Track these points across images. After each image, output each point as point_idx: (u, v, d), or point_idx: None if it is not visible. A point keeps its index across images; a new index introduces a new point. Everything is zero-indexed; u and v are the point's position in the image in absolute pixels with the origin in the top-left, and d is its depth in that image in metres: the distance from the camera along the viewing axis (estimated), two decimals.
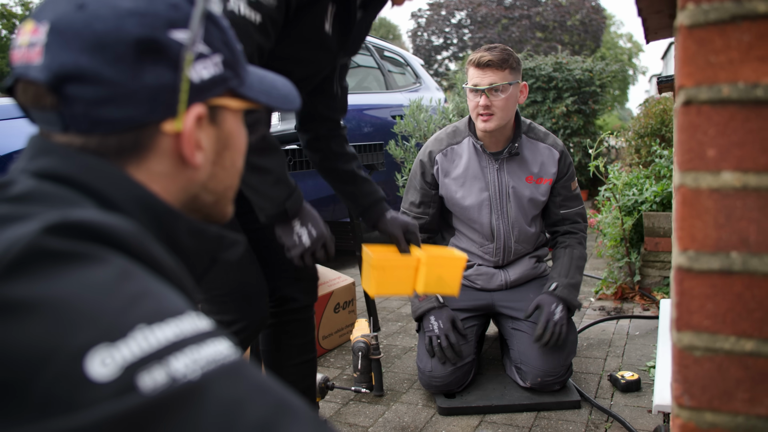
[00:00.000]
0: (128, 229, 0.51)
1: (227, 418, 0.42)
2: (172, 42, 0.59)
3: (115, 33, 0.56)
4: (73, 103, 0.56)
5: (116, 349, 0.41)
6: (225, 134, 0.67)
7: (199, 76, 0.61)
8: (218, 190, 0.69)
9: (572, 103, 6.36)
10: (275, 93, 0.74)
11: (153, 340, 0.43)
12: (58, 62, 0.55)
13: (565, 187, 2.19)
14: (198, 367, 0.43)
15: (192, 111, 0.61)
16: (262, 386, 0.46)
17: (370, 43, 5.18)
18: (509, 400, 2.02)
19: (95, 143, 0.58)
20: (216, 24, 0.65)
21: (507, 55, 2.04)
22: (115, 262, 0.47)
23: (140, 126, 0.59)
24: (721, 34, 0.63)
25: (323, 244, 1.36)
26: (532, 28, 22.98)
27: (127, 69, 0.56)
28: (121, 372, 0.41)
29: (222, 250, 0.68)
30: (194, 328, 0.46)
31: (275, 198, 1.28)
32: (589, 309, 3.09)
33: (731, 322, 0.66)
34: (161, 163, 0.61)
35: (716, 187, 0.65)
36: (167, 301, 0.47)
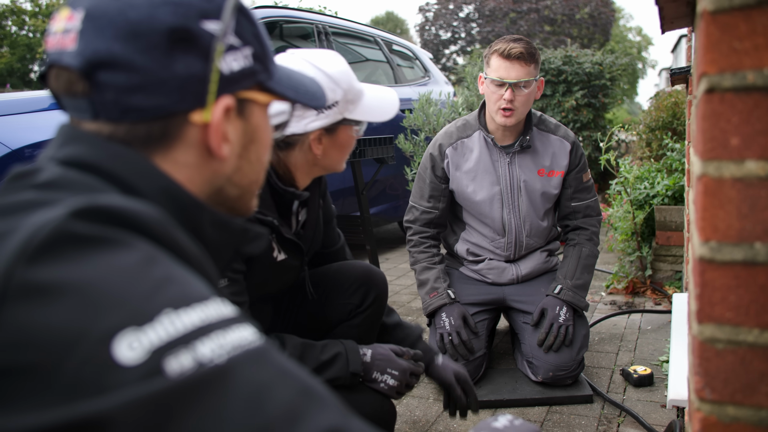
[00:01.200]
0: (153, 215, 0.51)
1: (254, 401, 0.42)
2: (204, 32, 0.59)
3: (148, 21, 0.56)
4: (104, 89, 0.56)
5: (143, 333, 0.42)
6: (252, 128, 0.67)
7: (229, 68, 0.62)
8: (243, 184, 0.69)
9: (582, 96, 6.31)
10: (302, 89, 0.74)
11: (179, 325, 0.43)
12: (92, 49, 0.56)
13: (576, 178, 2.17)
14: (224, 351, 0.43)
15: (221, 102, 0.61)
16: (289, 372, 0.46)
17: (379, 37, 5.17)
18: (521, 394, 2.01)
19: (123, 132, 0.58)
20: (247, 17, 0.65)
21: (533, 49, 2.01)
22: (141, 247, 0.47)
23: (169, 115, 0.59)
24: (746, 19, 0.62)
25: (410, 374, 1.46)
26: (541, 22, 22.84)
27: (159, 57, 0.57)
28: (148, 356, 0.41)
29: (245, 243, 0.68)
30: (219, 314, 0.46)
31: (338, 371, 1.38)
32: (600, 303, 3.07)
33: (755, 314, 0.64)
34: (188, 154, 0.61)
35: (740, 176, 0.63)
36: (192, 286, 0.47)
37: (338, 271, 1.64)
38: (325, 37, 4.36)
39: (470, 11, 24.64)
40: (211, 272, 0.56)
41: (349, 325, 1.64)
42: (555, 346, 2.00)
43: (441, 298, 2.13)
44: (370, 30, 5.18)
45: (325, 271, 1.65)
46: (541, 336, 2.03)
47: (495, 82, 2.01)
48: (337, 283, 1.63)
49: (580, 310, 2.10)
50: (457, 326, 2.06)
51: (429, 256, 2.23)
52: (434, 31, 25.42)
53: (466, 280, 2.28)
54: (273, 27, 4.19)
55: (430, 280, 2.18)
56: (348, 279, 1.63)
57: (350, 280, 1.63)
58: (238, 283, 1.28)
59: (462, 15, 24.80)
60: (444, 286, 2.15)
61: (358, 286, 1.62)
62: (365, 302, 1.63)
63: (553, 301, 2.08)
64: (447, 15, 24.91)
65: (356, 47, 5.04)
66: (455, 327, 2.06)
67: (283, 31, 4.29)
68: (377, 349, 1.45)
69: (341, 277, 1.64)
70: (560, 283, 2.11)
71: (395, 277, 3.87)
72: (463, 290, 2.22)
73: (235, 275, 1.27)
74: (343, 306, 1.61)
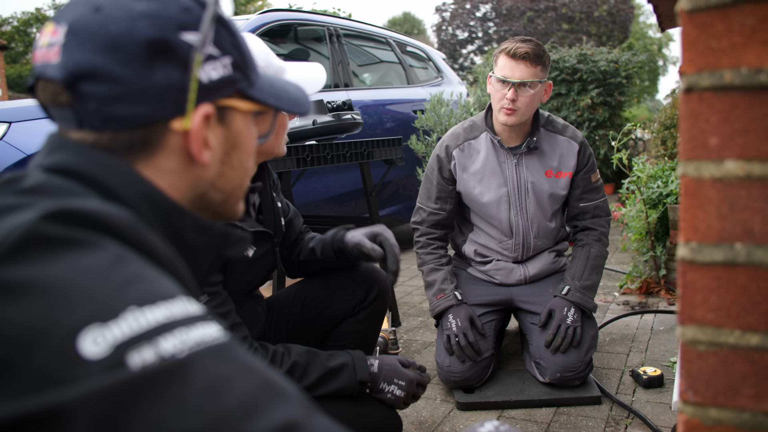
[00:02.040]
0: (124, 217, 0.53)
1: (212, 394, 0.43)
2: (183, 43, 0.61)
3: (128, 34, 0.59)
4: (87, 100, 0.59)
5: (108, 329, 0.43)
6: (233, 134, 0.69)
7: (208, 77, 0.64)
8: (226, 189, 0.71)
9: (597, 95, 6.25)
10: (285, 96, 0.76)
11: (143, 321, 0.45)
12: (74, 61, 0.58)
13: (584, 179, 2.16)
14: (186, 347, 0.45)
15: (200, 110, 0.63)
16: (251, 367, 0.47)
17: (392, 38, 5.17)
18: (528, 395, 2.00)
19: (107, 140, 0.61)
20: (227, 27, 0.67)
21: (542, 51, 2.00)
22: (110, 248, 0.49)
23: (150, 123, 0.61)
24: (722, 18, 0.61)
25: (417, 385, 1.47)
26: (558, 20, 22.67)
27: (139, 68, 0.59)
28: (111, 350, 0.42)
29: (228, 247, 0.70)
30: (184, 312, 0.47)
31: (346, 380, 1.38)
32: (613, 303, 3.04)
33: (736, 315, 0.64)
34: (170, 160, 0.63)
35: (719, 176, 0.63)
36: (159, 285, 0.49)
37: (341, 271, 1.65)
38: (336, 39, 4.38)
39: (487, 10, 24.53)
40: (183, 273, 0.57)
41: (353, 320, 1.65)
42: (562, 348, 1.99)
43: (448, 299, 2.12)
44: (383, 31, 5.19)
45: (328, 273, 1.66)
46: (549, 337, 2.02)
47: (499, 80, 2.01)
48: (340, 282, 1.65)
49: (588, 311, 2.08)
50: (464, 327, 2.06)
51: (436, 257, 2.23)
52: (451, 31, 25.35)
53: (474, 280, 2.27)
54: (288, 30, 4.22)
55: (437, 281, 2.18)
56: (351, 276, 1.65)
57: (353, 276, 1.65)
58: (219, 295, 1.29)
59: (479, 14, 24.71)
60: (451, 288, 2.15)
61: (361, 282, 1.64)
62: (369, 297, 1.64)
63: (561, 302, 2.06)
64: (464, 15, 24.83)
65: (369, 49, 5.06)
66: (462, 328, 2.05)
67: (298, 33, 4.33)
68: (384, 359, 1.46)
69: (344, 276, 1.65)
70: (568, 284, 2.10)
71: (408, 278, 3.87)
72: (471, 291, 2.21)
73: (214, 288, 1.29)
74: (347, 302, 1.63)
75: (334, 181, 3.92)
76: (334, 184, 3.94)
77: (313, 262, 1.65)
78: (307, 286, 1.67)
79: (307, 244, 1.67)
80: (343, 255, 1.59)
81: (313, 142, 2.50)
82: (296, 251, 1.69)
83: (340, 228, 1.63)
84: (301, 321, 1.62)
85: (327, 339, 1.66)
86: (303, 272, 1.71)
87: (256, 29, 3.75)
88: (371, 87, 4.82)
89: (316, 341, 1.63)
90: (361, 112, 4.25)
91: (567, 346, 1.99)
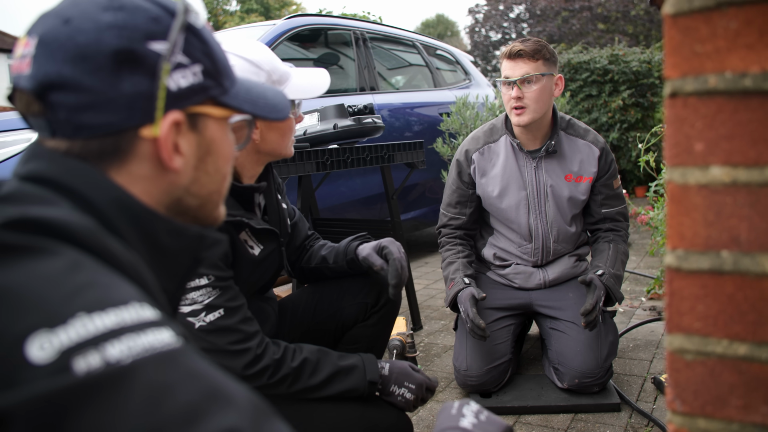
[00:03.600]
0: (83, 224, 0.54)
1: (153, 401, 0.44)
2: (150, 52, 0.62)
3: (95, 45, 0.60)
4: (57, 109, 0.61)
5: (54, 335, 0.44)
6: (207, 140, 0.70)
7: (177, 85, 0.65)
8: (202, 194, 0.72)
9: (629, 96, 6.14)
10: (262, 102, 0.77)
11: (91, 327, 0.45)
12: (43, 72, 0.60)
13: (606, 185, 2.13)
14: (133, 353, 0.45)
15: (169, 117, 0.64)
16: (197, 373, 0.48)
17: (419, 42, 5.17)
18: (545, 401, 1.97)
19: (78, 147, 0.62)
20: (197, 36, 0.68)
21: (540, 46, 1.99)
22: (66, 255, 0.50)
23: (119, 131, 0.63)
24: (706, 21, 0.60)
25: (426, 389, 1.47)
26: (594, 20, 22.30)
27: (106, 78, 0.61)
28: (57, 355, 0.43)
29: (203, 250, 0.71)
30: (136, 318, 0.48)
31: (356, 380, 1.39)
32: (639, 309, 2.99)
33: (723, 324, 0.62)
34: (141, 167, 0.65)
35: (705, 182, 0.62)
36: (113, 291, 0.49)
37: (352, 276, 1.67)
38: (362, 43, 4.40)
39: (521, 11, 24.29)
40: (146, 278, 0.58)
41: (365, 325, 1.66)
42: (591, 326, 1.94)
43: (456, 285, 2.09)
44: (410, 35, 5.19)
45: (339, 277, 1.68)
46: (588, 306, 1.92)
47: (503, 82, 2.02)
48: (352, 286, 1.66)
49: (615, 301, 2.03)
50: (467, 309, 2.00)
51: (453, 252, 2.22)
52: (484, 32, 25.18)
53: (493, 284, 2.26)
54: (315, 35, 4.26)
55: (449, 273, 2.16)
56: (363, 280, 1.66)
57: (365, 281, 1.66)
58: (231, 289, 1.31)
59: (512, 15, 24.48)
60: (459, 276, 2.11)
61: (372, 286, 1.65)
62: (380, 301, 1.65)
63: (598, 281, 1.99)
64: (497, 16, 24.63)
65: (396, 52, 5.07)
66: (466, 311, 2.00)
67: (330, 38, 4.37)
68: (395, 363, 1.47)
69: (356, 280, 1.67)
70: (602, 269, 2.03)
71: (432, 281, 3.86)
72: (490, 295, 2.19)
73: (225, 282, 1.31)
74: (358, 306, 1.64)
75: (360, 183, 3.94)
76: (360, 187, 3.95)
77: (326, 269, 1.67)
78: (320, 289, 1.68)
79: (319, 251, 1.69)
80: (354, 265, 1.62)
81: (334, 145, 2.52)
82: (305, 257, 1.71)
83: (354, 238, 1.66)
84: (313, 323, 1.64)
85: (339, 342, 1.67)
86: (315, 278, 1.73)
87: (282, 34, 3.80)
88: (398, 90, 4.83)
89: (327, 344, 1.64)
90: (388, 115, 4.27)
91: (595, 325, 1.95)
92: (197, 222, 0.73)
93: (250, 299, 1.44)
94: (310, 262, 1.69)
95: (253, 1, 21.39)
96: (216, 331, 1.28)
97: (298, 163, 2.28)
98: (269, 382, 1.31)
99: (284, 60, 1.50)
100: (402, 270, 1.53)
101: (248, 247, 1.41)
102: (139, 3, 0.64)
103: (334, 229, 3.01)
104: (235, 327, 1.30)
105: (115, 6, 0.62)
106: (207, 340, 1.29)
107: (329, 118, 2.56)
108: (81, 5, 0.62)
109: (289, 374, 1.31)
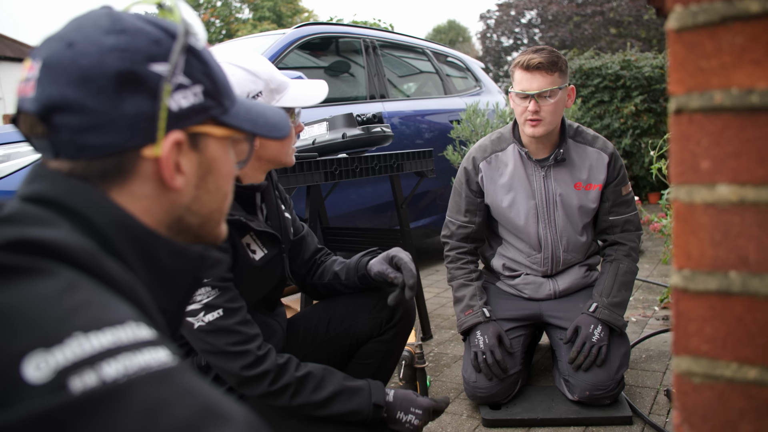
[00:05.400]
0: (80, 245, 0.54)
1: (149, 418, 0.44)
2: (152, 74, 0.63)
3: (98, 67, 0.61)
4: (60, 131, 0.62)
5: (51, 355, 0.44)
6: (208, 160, 0.71)
7: (178, 105, 0.66)
8: (203, 213, 0.72)
9: (641, 101, 6.09)
10: (262, 121, 0.77)
11: (87, 347, 0.45)
12: (47, 94, 0.61)
13: (615, 191, 2.10)
14: (129, 372, 0.45)
15: (170, 137, 0.65)
16: (192, 391, 0.48)
17: (429, 49, 5.17)
18: (556, 413, 1.95)
19: (81, 168, 0.63)
20: (198, 57, 0.69)
21: (556, 57, 1.97)
22: (63, 275, 0.50)
23: (122, 151, 0.63)
24: (711, 36, 0.59)
25: (432, 412, 1.47)
26: (606, 25, 22.21)
27: (109, 99, 0.62)
28: (53, 375, 0.43)
29: (204, 269, 0.71)
30: (132, 337, 0.48)
31: (361, 402, 1.37)
32: (652, 318, 2.95)
33: (732, 347, 0.61)
34: (143, 187, 0.65)
35: (711, 201, 0.60)
36: (109, 311, 0.49)
37: (367, 291, 1.66)
38: (372, 50, 4.40)
39: (532, 17, 24.24)
40: (143, 298, 0.58)
41: (380, 340, 1.64)
42: (584, 366, 1.94)
43: (476, 316, 2.09)
44: (420, 42, 5.19)
45: (353, 292, 1.67)
46: (572, 355, 1.97)
47: (519, 95, 1.98)
48: (366, 301, 1.65)
49: (617, 329, 2.02)
50: (491, 345, 2.02)
51: (466, 272, 2.21)
52: (496, 38, 25.15)
53: (503, 295, 2.24)
54: (329, 43, 4.28)
55: (465, 297, 2.15)
56: (377, 296, 1.65)
57: (379, 296, 1.65)
58: (230, 290, 1.32)
59: (524, 21, 24.44)
60: (479, 304, 2.11)
61: (387, 302, 1.63)
62: (395, 317, 1.64)
63: (588, 319, 2.01)
64: (508, 21, 24.59)
65: (406, 59, 5.07)
66: (489, 346, 2.02)
67: (339, 46, 4.38)
68: (398, 390, 1.46)
69: (371, 295, 1.66)
70: (596, 301, 2.04)
71: (441, 290, 3.84)
72: (500, 305, 2.18)
73: (224, 283, 1.31)
74: (374, 321, 1.62)
75: (371, 191, 3.93)
76: (371, 195, 3.95)
77: (339, 285, 1.67)
78: (333, 304, 1.67)
79: (332, 267, 1.69)
80: (366, 280, 1.61)
81: (343, 155, 2.52)
82: (318, 272, 1.70)
83: (365, 254, 1.65)
84: (326, 339, 1.62)
85: (352, 357, 1.65)
86: (327, 294, 1.72)
87: (292, 43, 3.81)
88: (408, 98, 4.82)
89: (341, 360, 1.63)
90: (399, 122, 4.26)
91: (590, 365, 1.94)
92: (198, 240, 0.73)
93: (255, 313, 1.43)
94: (323, 277, 1.68)
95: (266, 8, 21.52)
96: (215, 332, 1.28)
97: (306, 173, 2.27)
98: (270, 390, 1.29)
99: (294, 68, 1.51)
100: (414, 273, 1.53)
101: (249, 251, 1.41)
102: (140, 26, 0.65)
103: (344, 238, 3.00)
104: (234, 328, 1.29)
105: (117, 29, 0.63)
106: (206, 341, 1.28)
107: (338, 127, 2.55)
108: (84, 29, 0.63)
109: (292, 384, 1.30)
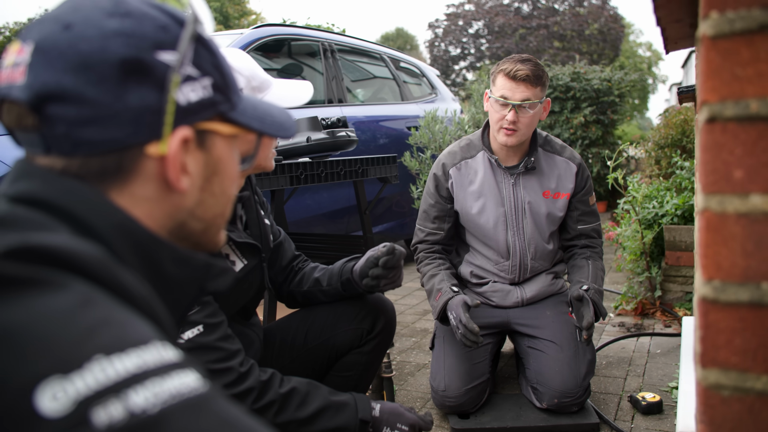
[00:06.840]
0: (93, 254, 0.48)
1: None
2: (159, 63, 0.57)
3: (100, 53, 0.55)
4: (54, 123, 0.54)
5: (69, 382, 0.38)
6: (214, 160, 0.64)
7: (186, 99, 0.59)
8: (207, 218, 0.66)
9: (590, 113, 6.27)
10: (269, 120, 0.71)
11: (111, 372, 0.39)
12: (41, 81, 0.54)
13: (582, 201, 2.13)
14: (159, 400, 0.40)
15: (177, 134, 0.59)
16: (229, 421, 0.42)
17: (386, 54, 5.16)
18: (525, 421, 1.95)
19: (77, 166, 0.56)
20: (207, 47, 0.63)
21: (541, 72, 1.97)
22: (76, 289, 0.44)
23: (123, 148, 0.57)
24: (748, 44, 0.58)
25: (419, 429, 1.43)
26: (550, 38, 22.86)
27: (111, 89, 0.55)
28: (73, 407, 0.37)
29: (209, 279, 0.65)
30: (158, 359, 0.42)
31: (347, 418, 1.34)
32: (608, 325, 3.01)
33: (763, 359, 0.60)
34: (145, 188, 0.59)
35: (744, 211, 0.59)
36: (131, 329, 0.43)
37: (347, 300, 1.61)
38: (330, 54, 4.35)
39: (479, 27, 24.70)
40: (159, 313, 0.53)
41: (360, 352, 1.60)
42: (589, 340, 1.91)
43: (445, 294, 2.02)
44: (377, 47, 5.18)
45: (333, 301, 1.62)
46: (590, 320, 1.89)
47: (499, 101, 1.98)
48: (347, 311, 1.60)
49: (600, 316, 1.99)
50: (459, 315, 1.92)
51: (434, 265, 2.16)
52: (443, 47, 25.49)
53: None
54: (281, 45, 4.19)
55: (434, 284, 2.09)
56: (358, 305, 1.60)
57: (360, 306, 1.60)
58: (210, 305, 1.25)
59: (471, 31, 24.87)
60: (446, 285, 2.04)
61: (367, 312, 1.59)
62: (375, 328, 1.60)
63: (585, 296, 1.96)
64: (456, 31, 24.99)
65: (363, 64, 5.04)
66: (457, 317, 1.93)
67: (292, 48, 4.30)
68: (385, 404, 1.42)
69: (351, 305, 1.61)
70: (586, 284, 2.01)
71: (400, 296, 3.82)
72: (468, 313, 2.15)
73: (205, 297, 1.25)
74: (354, 332, 1.58)
75: (327, 197, 3.88)
76: (327, 201, 3.89)
77: (319, 292, 1.61)
78: (312, 314, 1.61)
79: (312, 273, 1.63)
80: (350, 286, 1.56)
81: (306, 159, 2.46)
82: (295, 279, 1.64)
83: (349, 259, 1.61)
84: (304, 350, 1.57)
85: (330, 369, 1.60)
86: (306, 302, 1.66)
87: (249, 44, 3.72)
88: (365, 103, 4.80)
89: (319, 372, 1.57)
90: (355, 128, 4.22)
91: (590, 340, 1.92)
92: (198, 247, 0.67)
93: (231, 324, 1.37)
94: (302, 285, 1.62)
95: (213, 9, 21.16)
96: (195, 349, 1.21)
97: (272, 177, 2.21)
98: (253, 408, 1.24)
99: None
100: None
101: (229, 262, 1.34)
102: (145, 10, 0.58)
103: (306, 244, 2.94)
104: (215, 344, 1.23)
105: (121, 12, 0.56)
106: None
107: (302, 130, 2.50)
108: (83, 10, 0.56)
109: (276, 401, 1.25)
